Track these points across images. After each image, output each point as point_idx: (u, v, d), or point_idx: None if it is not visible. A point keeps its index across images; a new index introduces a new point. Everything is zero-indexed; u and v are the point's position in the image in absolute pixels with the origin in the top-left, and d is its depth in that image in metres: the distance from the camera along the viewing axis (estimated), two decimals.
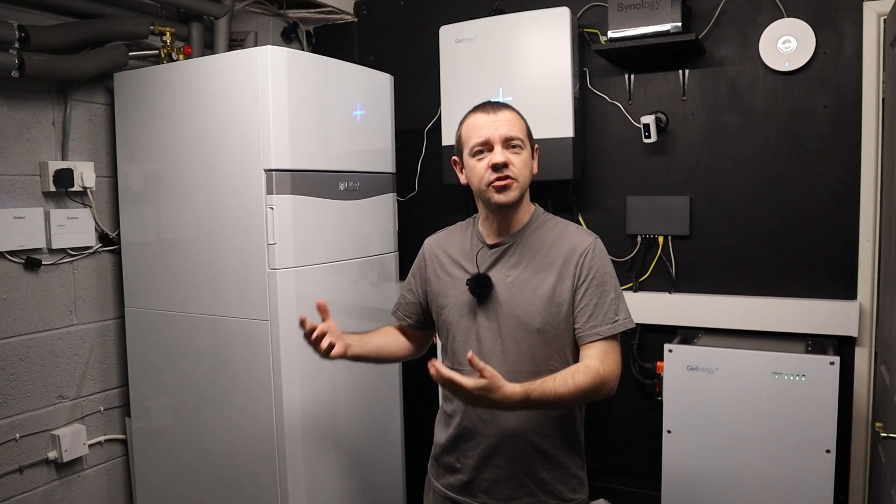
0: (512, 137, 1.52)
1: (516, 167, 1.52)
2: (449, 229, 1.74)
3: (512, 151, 1.52)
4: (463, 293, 1.59)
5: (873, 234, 2.25)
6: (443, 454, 1.70)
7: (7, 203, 2.14)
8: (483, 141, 1.52)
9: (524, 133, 1.56)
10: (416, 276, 1.74)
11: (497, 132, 1.52)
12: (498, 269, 1.58)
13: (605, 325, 1.52)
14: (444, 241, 1.71)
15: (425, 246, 1.75)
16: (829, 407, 2.07)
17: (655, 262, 2.56)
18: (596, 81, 2.61)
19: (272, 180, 2.06)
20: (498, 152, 1.51)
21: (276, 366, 2.10)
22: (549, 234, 1.60)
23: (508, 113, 1.56)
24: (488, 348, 1.56)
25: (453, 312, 1.62)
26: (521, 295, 1.54)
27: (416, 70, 2.88)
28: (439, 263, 1.68)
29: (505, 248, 1.59)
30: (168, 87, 2.24)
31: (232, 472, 2.22)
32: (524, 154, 1.55)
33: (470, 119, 1.58)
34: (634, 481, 2.66)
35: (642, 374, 2.57)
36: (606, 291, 1.55)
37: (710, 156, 2.46)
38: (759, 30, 2.33)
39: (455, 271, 1.64)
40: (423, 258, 1.73)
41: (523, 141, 1.55)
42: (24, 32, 2.02)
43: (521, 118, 1.59)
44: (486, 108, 1.56)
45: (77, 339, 2.36)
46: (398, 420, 2.62)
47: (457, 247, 1.67)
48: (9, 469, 2.16)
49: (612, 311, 1.54)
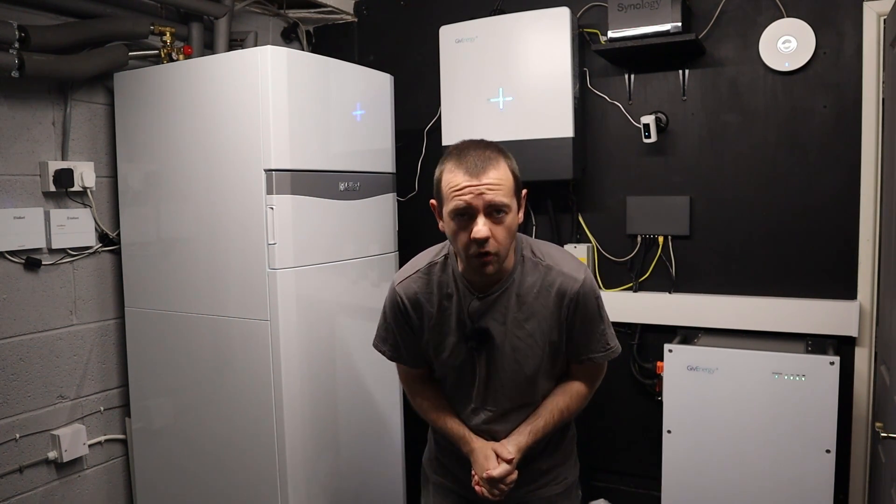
0: (497, 205, 1.37)
1: (499, 239, 1.38)
2: (419, 273, 1.57)
3: (495, 220, 1.38)
4: (459, 342, 1.55)
5: (873, 234, 2.25)
6: (442, 453, 1.72)
7: (7, 203, 2.14)
8: (464, 207, 1.37)
9: (511, 192, 1.40)
10: (403, 326, 1.60)
11: (481, 199, 1.36)
12: (491, 318, 1.52)
13: (599, 352, 1.58)
14: (420, 288, 1.56)
15: (401, 294, 1.57)
16: (829, 407, 2.07)
17: (655, 262, 2.56)
18: (596, 81, 2.61)
19: (272, 180, 2.06)
20: (480, 224, 1.36)
21: (276, 366, 2.10)
22: (536, 276, 1.52)
23: (494, 172, 1.37)
24: (485, 390, 1.58)
25: (452, 357, 1.57)
26: (519, 340, 1.53)
27: (416, 70, 2.88)
28: (428, 314, 1.56)
29: (495, 296, 1.51)
30: (168, 87, 2.24)
31: (232, 473, 2.22)
32: (509, 218, 1.40)
33: (450, 175, 1.39)
34: (634, 481, 2.66)
35: (642, 374, 2.57)
36: (597, 325, 1.56)
37: (710, 156, 2.46)
38: (759, 30, 2.33)
39: (447, 320, 1.54)
40: (405, 308, 1.57)
41: (509, 204, 1.39)
42: (24, 32, 2.02)
43: (509, 172, 1.41)
44: (470, 164, 1.37)
45: (77, 339, 2.36)
46: (398, 420, 2.62)
47: (440, 293, 1.55)
48: (9, 469, 2.16)
49: (603, 341, 1.58)
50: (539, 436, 1.56)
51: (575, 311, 1.51)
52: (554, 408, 1.57)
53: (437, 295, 1.55)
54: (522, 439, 1.55)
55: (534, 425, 1.56)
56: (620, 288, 2.62)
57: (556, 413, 1.57)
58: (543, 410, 1.57)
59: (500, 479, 1.51)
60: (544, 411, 1.57)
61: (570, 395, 1.59)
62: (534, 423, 1.57)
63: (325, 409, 2.26)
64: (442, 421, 1.63)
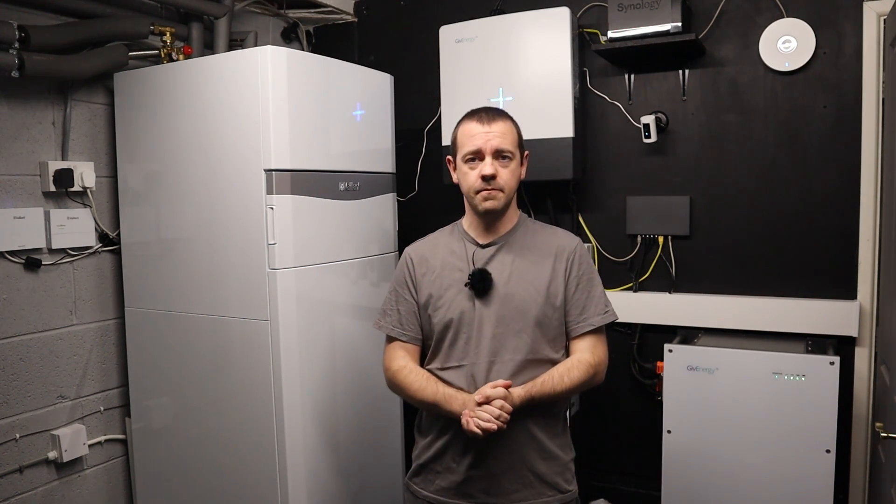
0: (503, 150, 1.61)
1: (503, 178, 1.61)
2: (429, 237, 1.78)
3: (501, 163, 1.61)
4: (460, 291, 1.63)
5: (873, 234, 2.25)
6: (432, 460, 1.68)
7: (7, 203, 2.14)
8: (475, 150, 1.61)
9: (515, 144, 1.64)
10: (406, 285, 1.72)
11: (489, 143, 1.60)
12: (494, 266, 1.64)
13: (597, 315, 1.66)
14: (426, 248, 1.74)
15: (408, 254, 1.75)
16: (829, 407, 2.07)
17: (655, 262, 2.56)
18: (596, 81, 2.61)
19: (272, 180, 2.06)
20: (488, 164, 1.60)
21: (276, 366, 2.10)
22: (537, 236, 1.70)
23: (502, 124, 1.63)
24: (489, 341, 1.60)
25: (453, 310, 1.63)
26: (520, 286, 1.62)
27: (416, 70, 2.88)
28: (429, 267, 1.70)
29: (498, 246, 1.67)
30: (168, 87, 2.24)
31: (232, 472, 2.22)
32: (513, 164, 1.63)
33: (465, 125, 1.65)
34: (634, 481, 2.66)
35: (642, 374, 2.57)
36: (595, 286, 1.68)
37: (710, 156, 2.47)
38: (759, 30, 2.33)
39: (449, 272, 1.67)
40: (410, 266, 1.73)
41: (513, 152, 1.63)
42: (24, 32, 2.02)
43: (514, 128, 1.66)
44: (482, 115, 1.63)
45: (77, 339, 2.36)
46: (398, 420, 2.62)
47: (445, 250, 1.71)
48: (9, 469, 2.16)
49: (601, 303, 1.67)
50: (537, 389, 1.57)
51: (574, 265, 1.65)
52: (554, 371, 1.61)
53: (442, 252, 1.71)
54: (519, 388, 1.56)
55: (533, 381, 1.59)
56: (620, 288, 2.62)
57: (555, 375, 1.59)
58: (544, 374, 1.60)
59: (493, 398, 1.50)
60: (545, 374, 1.60)
61: (571, 362, 1.63)
62: (533, 380, 1.59)
63: (325, 409, 2.26)
64: (434, 386, 1.61)
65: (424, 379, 1.63)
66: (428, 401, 1.61)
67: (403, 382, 1.65)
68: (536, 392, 1.57)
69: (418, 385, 1.62)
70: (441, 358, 1.65)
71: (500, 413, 1.49)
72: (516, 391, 1.55)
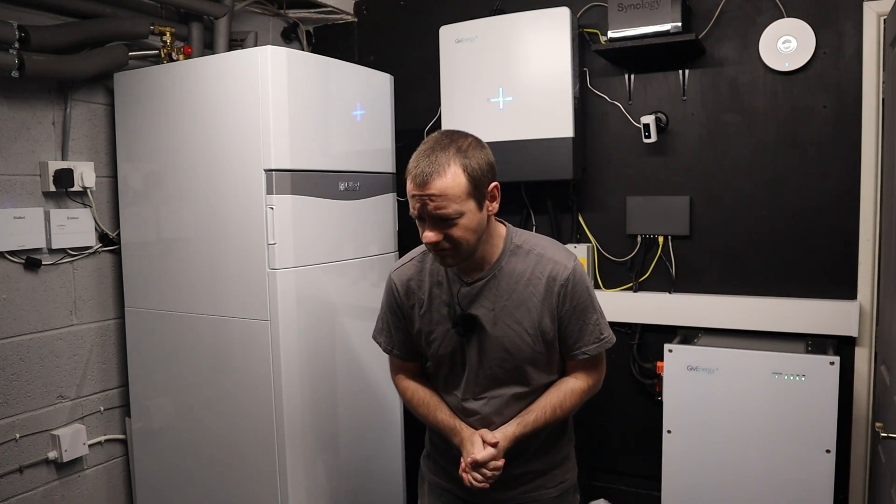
0: (442, 216, 1.40)
1: (455, 238, 1.42)
2: (414, 261, 1.63)
3: (446, 225, 1.41)
4: (449, 330, 1.57)
5: (873, 234, 2.25)
6: (437, 452, 1.71)
7: (7, 203, 2.14)
8: (416, 214, 1.44)
9: (462, 197, 1.40)
10: (396, 313, 1.65)
11: (426, 209, 1.41)
12: (480, 304, 1.54)
13: (593, 344, 1.56)
14: (413, 275, 1.61)
15: (395, 281, 1.63)
16: (829, 407, 2.07)
17: (655, 262, 2.56)
18: (596, 81, 2.61)
19: (272, 180, 2.06)
20: (428, 230, 1.42)
21: (276, 366, 2.10)
22: (525, 263, 1.54)
23: (439, 181, 1.38)
24: (483, 379, 1.58)
25: (443, 346, 1.59)
26: (509, 328, 1.53)
27: (416, 70, 2.88)
28: (417, 300, 1.60)
29: (485, 281, 1.53)
30: (168, 87, 2.24)
31: (232, 473, 2.22)
32: (464, 219, 1.41)
33: (408, 177, 1.45)
34: (634, 481, 2.66)
35: (642, 374, 2.57)
36: (589, 315, 1.56)
37: (710, 156, 2.46)
38: (759, 30, 2.33)
39: (437, 307, 1.58)
40: (398, 295, 1.62)
41: (459, 211, 1.40)
42: (24, 32, 2.02)
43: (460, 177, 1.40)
44: (418, 172, 1.41)
45: (77, 339, 2.36)
46: (398, 420, 2.62)
47: (431, 280, 1.59)
48: (9, 469, 2.16)
49: (596, 331, 1.56)
50: (529, 428, 1.55)
51: (567, 297, 1.52)
52: (547, 404, 1.57)
53: (429, 282, 1.59)
54: (510, 428, 1.55)
55: (524, 418, 1.56)
56: (620, 288, 2.62)
57: (548, 409, 1.56)
58: (536, 406, 1.57)
59: (483, 462, 1.51)
60: (537, 406, 1.57)
61: (564, 392, 1.58)
62: (525, 416, 1.57)
63: (325, 409, 2.26)
64: (433, 415, 1.63)
65: (426, 406, 1.65)
66: (430, 425, 1.68)
67: (409, 402, 1.69)
68: (530, 429, 1.55)
69: (422, 410, 1.66)
70: (440, 384, 1.66)
71: (492, 474, 1.52)
72: (508, 430, 1.54)
